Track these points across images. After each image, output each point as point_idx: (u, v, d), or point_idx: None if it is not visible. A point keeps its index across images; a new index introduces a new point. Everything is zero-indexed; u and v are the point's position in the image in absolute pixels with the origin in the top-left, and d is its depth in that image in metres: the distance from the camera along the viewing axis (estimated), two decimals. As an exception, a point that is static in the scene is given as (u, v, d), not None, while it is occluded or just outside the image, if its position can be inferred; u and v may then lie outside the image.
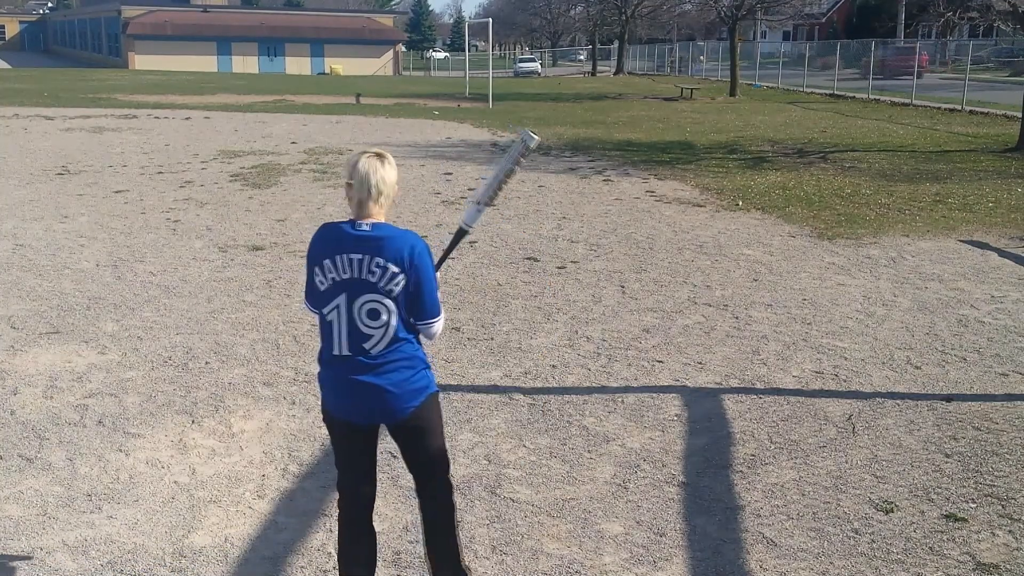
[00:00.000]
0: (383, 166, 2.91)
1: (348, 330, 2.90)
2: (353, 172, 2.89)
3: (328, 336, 2.94)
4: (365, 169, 2.88)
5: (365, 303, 2.87)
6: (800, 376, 5.52)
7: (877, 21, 56.33)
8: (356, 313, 2.88)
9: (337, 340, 2.91)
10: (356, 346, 2.90)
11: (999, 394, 5.25)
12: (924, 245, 8.94)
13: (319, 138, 17.75)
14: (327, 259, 2.88)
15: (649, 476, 4.24)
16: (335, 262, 2.87)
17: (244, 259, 8.18)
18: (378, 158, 2.92)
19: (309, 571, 3.48)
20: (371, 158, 2.91)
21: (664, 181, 12.85)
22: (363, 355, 2.90)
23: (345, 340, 2.90)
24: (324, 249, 2.90)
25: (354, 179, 2.89)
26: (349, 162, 2.94)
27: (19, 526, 3.74)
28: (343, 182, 3.00)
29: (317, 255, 2.92)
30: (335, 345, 2.92)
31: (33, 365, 5.55)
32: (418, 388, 2.98)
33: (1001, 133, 18.70)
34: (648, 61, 59.43)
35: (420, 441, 3.08)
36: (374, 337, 2.89)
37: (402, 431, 3.05)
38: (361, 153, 2.94)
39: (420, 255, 2.88)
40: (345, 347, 2.91)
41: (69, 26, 77.20)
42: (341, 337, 2.91)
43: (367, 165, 2.89)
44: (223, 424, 4.75)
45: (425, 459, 3.13)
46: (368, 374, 2.91)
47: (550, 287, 7.37)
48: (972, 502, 4.00)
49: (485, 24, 35.86)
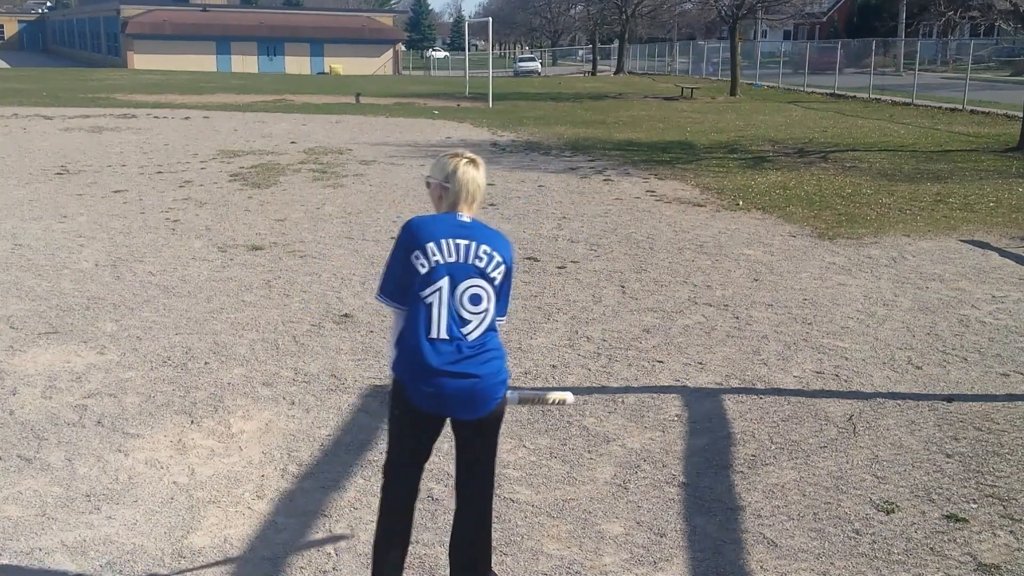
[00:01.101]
0: (479, 173, 3.07)
1: (448, 313, 2.92)
2: (451, 178, 3.03)
3: (424, 321, 2.92)
4: (465, 176, 3.03)
5: (468, 287, 2.94)
6: (801, 376, 5.51)
7: (878, 20, 56.34)
8: (458, 297, 2.93)
9: (436, 323, 2.92)
10: (456, 330, 2.92)
11: (1000, 394, 5.24)
12: (925, 245, 8.94)
13: (319, 138, 17.75)
14: (432, 242, 2.94)
15: (649, 476, 4.23)
16: (440, 245, 2.93)
17: (243, 259, 8.17)
18: (474, 165, 3.06)
19: (309, 571, 3.47)
20: (468, 165, 3.04)
21: (664, 181, 12.84)
22: (460, 341, 2.92)
23: (444, 324, 2.92)
24: (429, 232, 2.96)
25: (451, 183, 3.03)
26: (444, 166, 3.05)
27: (18, 526, 3.73)
28: (428, 180, 3.11)
29: (420, 239, 2.95)
30: (433, 328, 2.91)
31: (32, 365, 5.54)
32: (504, 380, 3.02)
33: (1002, 133, 18.69)
34: (648, 60, 59.42)
35: (485, 435, 3.08)
36: (473, 322, 2.94)
37: (478, 425, 3.03)
38: (456, 158, 3.06)
39: (513, 254, 3.04)
40: (443, 330, 2.91)
41: (68, 26, 77.19)
42: (440, 320, 2.92)
43: (467, 173, 3.03)
44: (222, 424, 4.74)
45: (484, 459, 3.12)
46: (465, 363, 2.91)
47: (550, 287, 7.36)
48: (973, 502, 4.00)
49: (485, 23, 35.85)
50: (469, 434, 3.08)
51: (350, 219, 9.91)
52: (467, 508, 3.18)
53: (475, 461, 3.13)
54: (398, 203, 10.86)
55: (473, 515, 3.17)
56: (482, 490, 3.16)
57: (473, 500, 3.16)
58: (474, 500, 3.16)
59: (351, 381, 5.34)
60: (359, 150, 15.87)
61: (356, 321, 6.43)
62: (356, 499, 3.99)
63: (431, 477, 4.13)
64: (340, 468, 4.28)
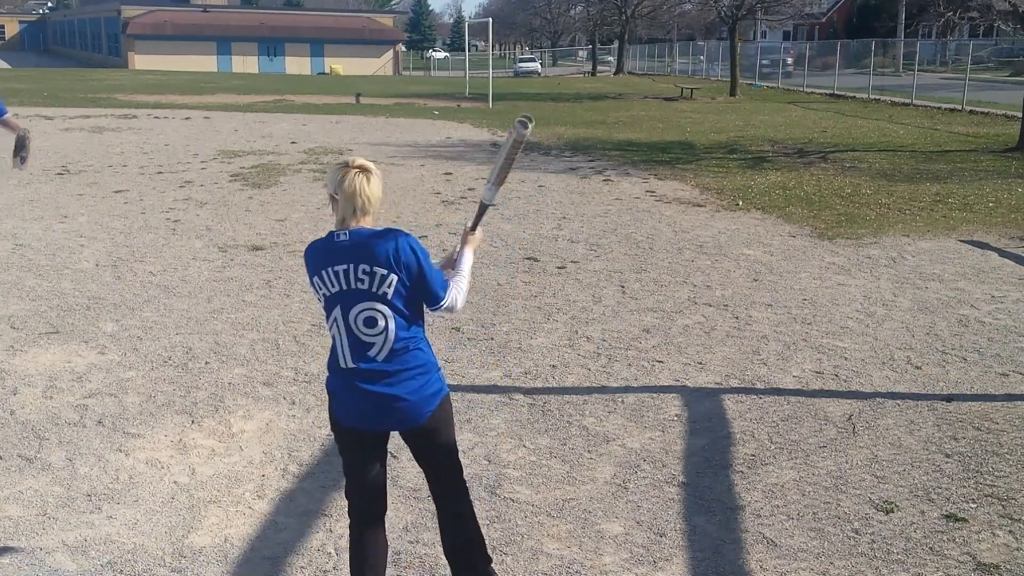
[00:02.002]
0: (369, 184, 2.83)
1: (350, 342, 2.88)
2: (338, 188, 2.82)
3: (334, 349, 2.93)
4: (351, 188, 2.81)
5: (360, 312, 2.84)
6: (800, 376, 5.52)
7: (877, 21, 56.33)
8: (353, 324, 2.86)
9: (341, 354, 2.89)
10: (360, 356, 2.87)
11: (999, 394, 5.25)
12: (924, 245, 8.94)
13: (319, 138, 17.76)
14: (316, 276, 2.87)
15: (649, 476, 4.23)
16: (323, 277, 2.85)
17: (244, 259, 8.18)
18: (364, 174, 2.83)
19: (309, 571, 3.48)
20: (357, 175, 2.82)
21: (664, 181, 12.85)
22: (369, 363, 2.87)
23: (348, 353, 2.88)
24: (313, 264, 2.89)
25: (339, 195, 2.83)
26: (334, 176, 2.85)
27: (19, 526, 3.74)
28: (326, 192, 2.94)
29: (310, 271, 2.90)
30: (340, 359, 2.90)
31: (33, 365, 5.55)
32: (433, 393, 2.96)
33: (1001, 133, 18.70)
34: (648, 61, 59.40)
35: (434, 443, 3.06)
36: (375, 345, 2.87)
37: (417, 435, 3.03)
38: (346, 167, 2.85)
39: (404, 248, 2.82)
40: (350, 359, 2.88)
41: (69, 26, 77.19)
42: (344, 350, 2.89)
43: (353, 183, 2.81)
44: (223, 424, 4.75)
45: (441, 460, 3.11)
46: (380, 384, 2.88)
47: (550, 287, 7.37)
48: (972, 502, 4.00)
49: (485, 24, 35.86)
50: (415, 442, 3.07)
51: (350, 219, 9.91)
52: (445, 512, 3.17)
53: (433, 469, 3.12)
54: (398, 203, 10.87)
55: (452, 517, 3.16)
56: (453, 491, 3.15)
57: (447, 502, 3.15)
58: (448, 502, 3.15)
59: (351, 381, 5.34)
60: (359, 150, 15.87)
61: (356, 321, 6.43)
62: (356, 499, 4.00)
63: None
64: (340, 468, 4.27)
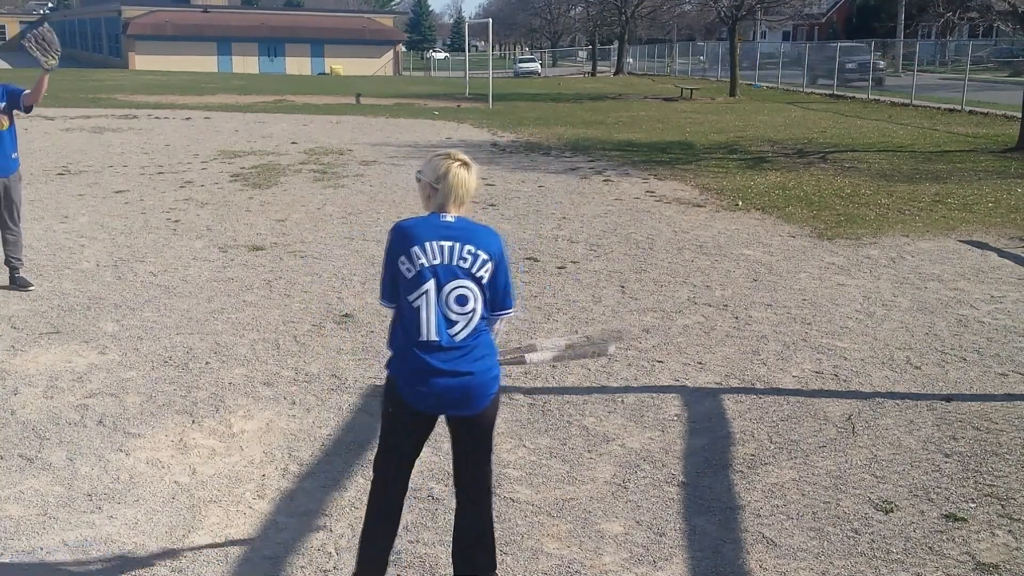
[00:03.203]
0: (470, 176, 3.05)
1: (436, 316, 2.95)
2: (442, 180, 3.02)
3: (414, 323, 2.97)
4: (456, 179, 3.02)
5: (454, 289, 2.96)
6: (800, 376, 5.52)
7: (877, 21, 56.35)
8: (444, 299, 2.96)
9: (425, 326, 2.95)
10: (443, 332, 2.95)
11: (999, 394, 5.25)
12: (924, 245, 8.95)
13: (319, 138, 17.76)
14: (416, 246, 2.97)
15: (649, 476, 4.24)
16: (424, 248, 2.96)
17: (244, 259, 8.19)
18: (465, 167, 3.04)
19: (309, 571, 3.48)
20: (460, 168, 3.03)
21: (664, 181, 12.85)
22: (448, 342, 2.95)
23: (433, 326, 2.95)
24: (413, 236, 2.98)
25: (440, 185, 3.02)
26: (436, 167, 3.04)
27: (19, 526, 3.75)
28: (418, 176, 3.10)
29: (405, 243, 2.98)
30: (423, 330, 2.95)
31: (33, 365, 5.55)
32: (496, 376, 3.06)
33: (1001, 133, 18.70)
34: (648, 61, 59.39)
35: (484, 429, 3.12)
36: (460, 323, 2.97)
37: (474, 422, 3.07)
38: (448, 159, 3.05)
39: (502, 247, 3.03)
40: (433, 332, 2.95)
41: (69, 26, 77.18)
42: (429, 323, 2.95)
43: (458, 175, 3.02)
44: (223, 424, 4.76)
45: (482, 449, 3.15)
46: (457, 362, 2.95)
47: (550, 287, 7.38)
48: (972, 502, 4.01)
49: (485, 24, 35.87)
50: (464, 431, 3.11)
51: (350, 219, 9.93)
52: (467, 507, 3.20)
53: (471, 459, 3.16)
54: (398, 203, 10.87)
55: (473, 514, 3.19)
56: (480, 488, 3.18)
57: (472, 498, 3.19)
58: (472, 498, 3.19)
59: (352, 381, 5.35)
60: (359, 151, 15.88)
61: (357, 321, 6.44)
62: (357, 498, 4.00)
63: (431, 476, 4.15)
64: (341, 467, 4.29)
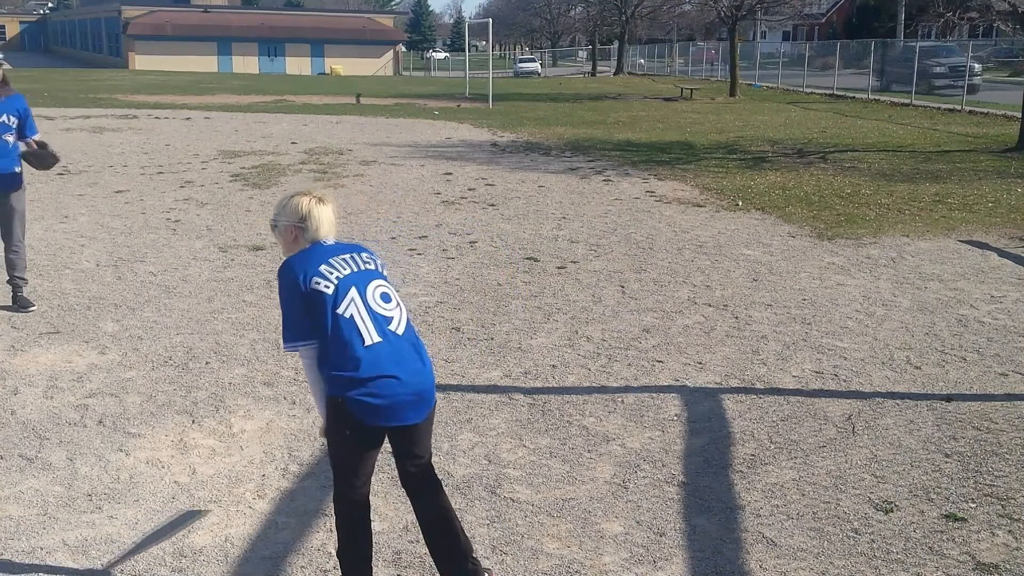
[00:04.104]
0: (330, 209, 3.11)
1: (371, 318, 2.94)
2: (306, 218, 3.04)
3: (352, 333, 2.90)
4: (321, 214, 3.06)
5: (377, 287, 3.00)
6: (800, 376, 5.53)
7: (877, 21, 56.34)
8: (372, 299, 2.97)
9: (365, 330, 2.91)
10: (382, 330, 2.94)
11: (999, 394, 5.25)
12: (924, 245, 8.95)
13: (319, 138, 17.76)
14: (323, 265, 2.97)
15: (649, 476, 4.24)
16: (332, 264, 2.98)
17: (244, 259, 8.19)
18: (323, 203, 3.09)
19: (309, 571, 3.49)
20: (318, 204, 3.07)
21: (664, 181, 12.85)
22: (392, 336, 2.95)
23: (372, 327, 2.93)
24: (315, 260, 2.99)
25: (307, 223, 3.05)
26: (295, 208, 3.06)
27: (19, 526, 3.75)
28: (276, 222, 3.12)
29: (310, 267, 2.96)
30: (364, 335, 2.90)
31: (33, 365, 5.55)
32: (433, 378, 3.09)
33: (1001, 133, 18.69)
34: (648, 61, 59.38)
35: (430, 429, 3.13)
36: (394, 319, 2.98)
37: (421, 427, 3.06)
38: (304, 197, 3.09)
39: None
40: (375, 333, 2.92)
41: (69, 26, 77.21)
42: (367, 326, 2.92)
43: (321, 211, 3.06)
44: (223, 424, 4.76)
45: (428, 454, 3.16)
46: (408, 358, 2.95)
47: (550, 287, 7.38)
48: (972, 502, 4.01)
49: (485, 24, 35.87)
50: (413, 437, 3.06)
51: (350, 219, 9.93)
52: (428, 506, 3.17)
53: (421, 460, 3.13)
54: (398, 203, 10.88)
55: (436, 510, 3.16)
56: (435, 483, 3.18)
57: (430, 496, 3.16)
58: (431, 495, 3.16)
59: (351, 381, 5.35)
60: (359, 151, 15.88)
61: (356, 321, 6.44)
62: (357, 498, 4.00)
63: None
64: (341, 467, 4.29)
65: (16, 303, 6.60)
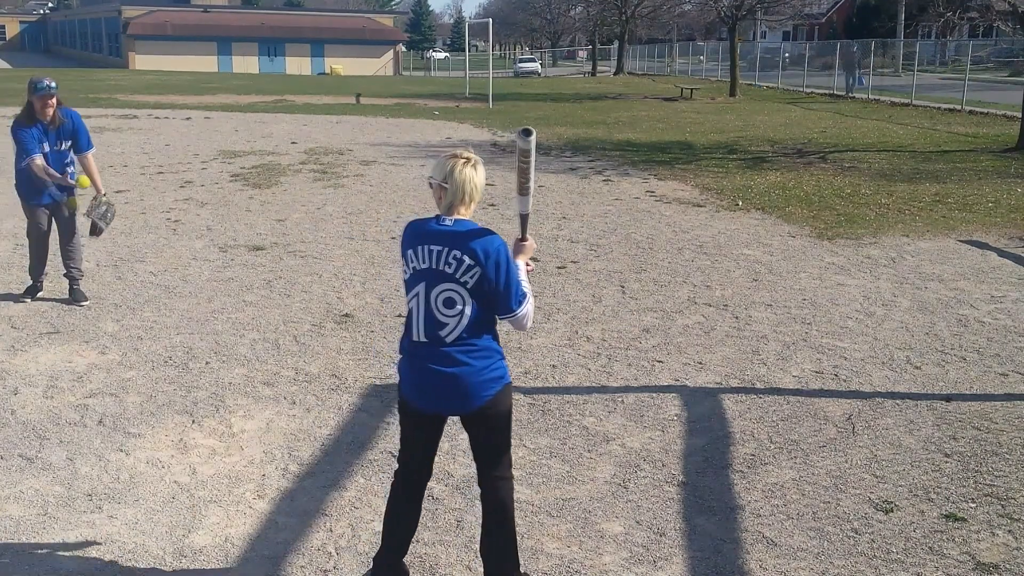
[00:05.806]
0: (476, 173, 3.09)
1: (425, 317, 3.05)
2: (448, 178, 3.06)
3: (409, 323, 3.11)
4: (462, 177, 3.06)
5: (441, 291, 3.04)
6: (800, 376, 5.53)
7: (877, 21, 56.33)
8: (433, 301, 3.04)
9: (416, 327, 3.07)
10: (432, 333, 3.05)
11: (999, 394, 5.25)
12: (924, 245, 8.95)
13: (319, 138, 17.76)
14: (411, 249, 3.08)
15: (649, 476, 4.24)
16: (417, 252, 3.06)
17: (244, 259, 8.19)
18: (471, 165, 3.08)
19: (309, 571, 3.49)
20: (465, 165, 3.07)
21: (664, 181, 12.85)
22: (439, 343, 3.04)
23: (423, 327, 3.06)
24: (410, 240, 3.10)
25: (448, 184, 3.06)
26: (442, 166, 3.09)
27: (19, 526, 3.75)
28: (430, 180, 3.13)
29: (405, 244, 3.12)
30: (414, 331, 3.08)
31: (33, 365, 5.55)
32: (494, 378, 3.13)
33: (1001, 133, 18.69)
34: (648, 61, 59.38)
35: (488, 430, 3.19)
36: (449, 325, 3.04)
37: (474, 420, 3.16)
38: (454, 158, 3.09)
39: (496, 251, 3.03)
40: (422, 333, 3.06)
41: (69, 26, 77.19)
42: (419, 324, 3.06)
43: (463, 173, 3.06)
44: (223, 424, 4.76)
45: (492, 451, 3.24)
46: (444, 363, 3.04)
47: (550, 287, 7.38)
48: (972, 502, 4.01)
49: (485, 24, 35.86)
50: (472, 428, 3.20)
51: (351, 219, 9.93)
52: (484, 504, 3.27)
53: (481, 456, 3.25)
54: (398, 203, 10.87)
55: (489, 511, 3.25)
56: (493, 486, 3.24)
57: (487, 496, 3.26)
58: (487, 496, 3.25)
59: (352, 381, 5.35)
60: (359, 150, 15.88)
61: (357, 321, 6.45)
62: (357, 498, 4.01)
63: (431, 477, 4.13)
64: (341, 467, 4.30)
65: (72, 296, 6.79)
